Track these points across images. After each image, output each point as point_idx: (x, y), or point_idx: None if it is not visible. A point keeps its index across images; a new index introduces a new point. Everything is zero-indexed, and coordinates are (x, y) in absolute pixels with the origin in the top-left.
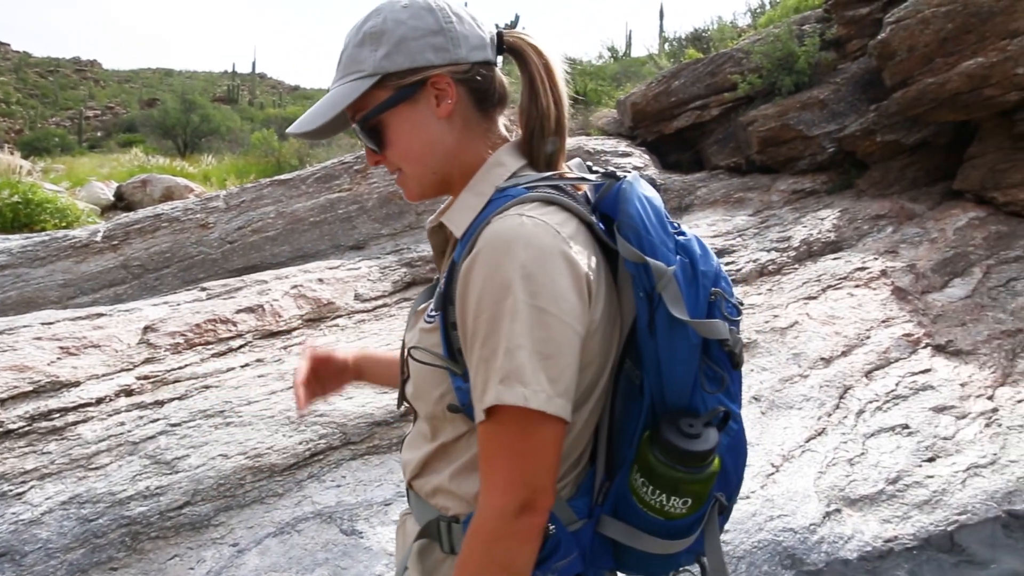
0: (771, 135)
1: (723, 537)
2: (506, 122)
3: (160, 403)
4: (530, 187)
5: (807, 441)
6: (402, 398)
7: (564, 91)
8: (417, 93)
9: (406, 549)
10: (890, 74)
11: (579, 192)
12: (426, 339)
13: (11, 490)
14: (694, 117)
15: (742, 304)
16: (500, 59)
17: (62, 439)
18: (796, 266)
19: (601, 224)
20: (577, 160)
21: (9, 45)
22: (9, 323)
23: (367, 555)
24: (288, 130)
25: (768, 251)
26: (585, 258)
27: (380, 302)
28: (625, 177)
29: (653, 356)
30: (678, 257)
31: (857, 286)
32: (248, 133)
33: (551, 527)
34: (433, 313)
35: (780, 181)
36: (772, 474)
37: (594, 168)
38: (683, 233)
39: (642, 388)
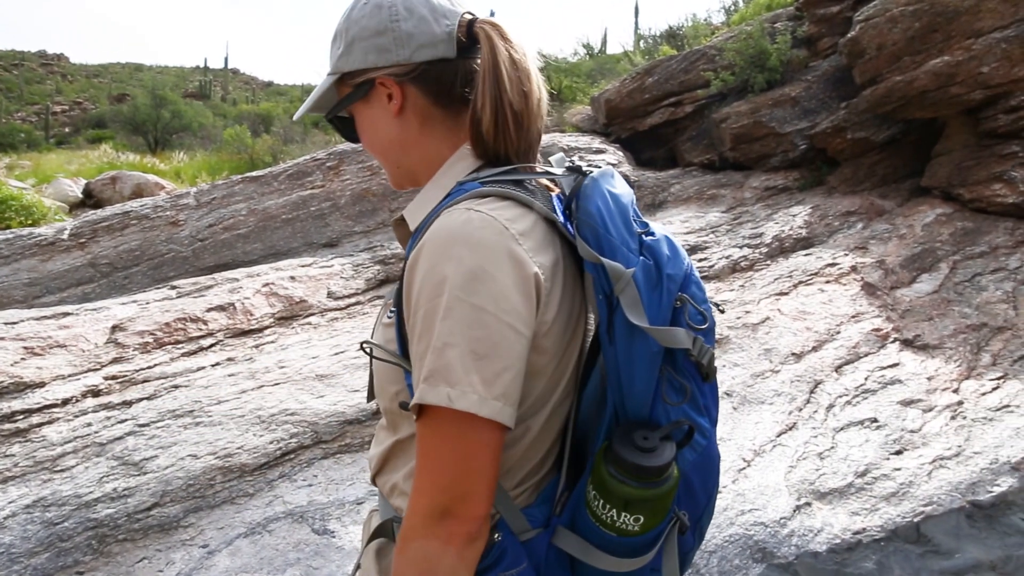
0: (744, 132)
1: None
2: None
3: (128, 403)
4: (487, 181)
5: (778, 436)
6: (371, 393)
7: (512, 93)
8: (369, 92)
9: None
10: (860, 72)
11: (550, 188)
12: (383, 334)
13: None
14: (668, 114)
15: (721, 308)
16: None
17: (26, 441)
18: (768, 262)
19: (570, 222)
20: (560, 155)
21: None
22: None
23: (339, 555)
24: (295, 117)
25: (740, 247)
26: (535, 256)
27: (353, 300)
28: (591, 172)
29: (613, 363)
30: (641, 259)
31: (828, 282)
32: (221, 129)
33: (496, 535)
34: (393, 309)
35: (753, 178)
36: (743, 469)
37: (568, 163)
38: (652, 233)
39: (604, 396)
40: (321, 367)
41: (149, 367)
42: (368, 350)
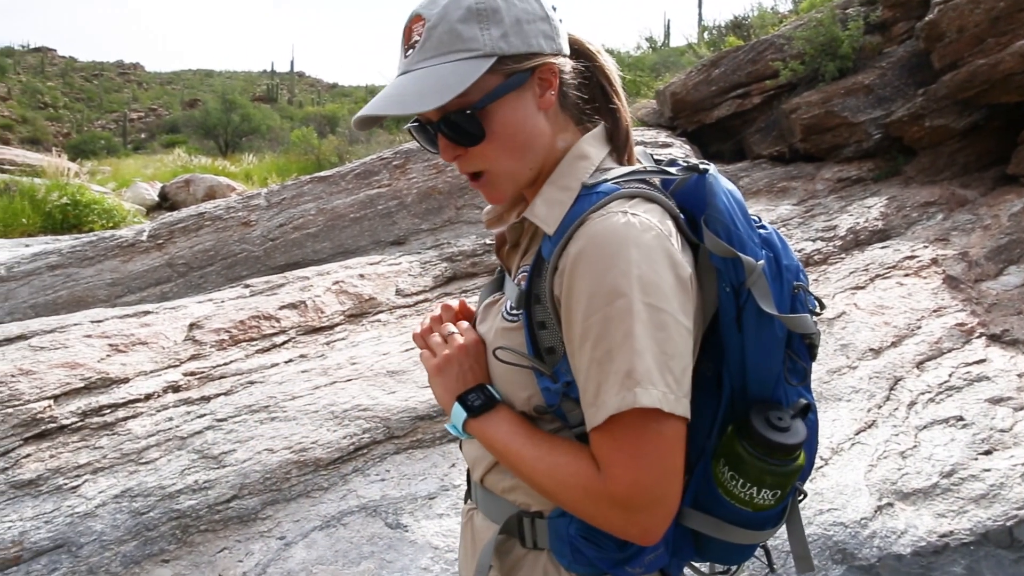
0: (815, 122)
1: None
2: None
3: (206, 399)
4: (620, 183)
5: (856, 433)
6: None
7: (623, 98)
8: (526, 81)
9: (480, 545)
10: (939, 56)
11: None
12: (510, 338)
13: (66, 484)
14: (735, 106)
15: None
16: None
17: (113, 434)
18: (842, 255)
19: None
20: (641, 149)
21: (55, 50)
22: (60, 321)
23: (412, 548)
24: (379, 110)
25: (813, 241)
26: (684, 255)
27: (421, 297)
28: (708, 170)
29: (738, 350)
30: (763, 251)
31: (907, 275)
32: (288, 131)
33: None
34: (516, 312)
35: (824, 169)
36: (821, 467)
37: (656, 157)
38: (764, 227)
39: (720, 381)
40: (392, 363)
41: (225, 363)
42: (502, 357)
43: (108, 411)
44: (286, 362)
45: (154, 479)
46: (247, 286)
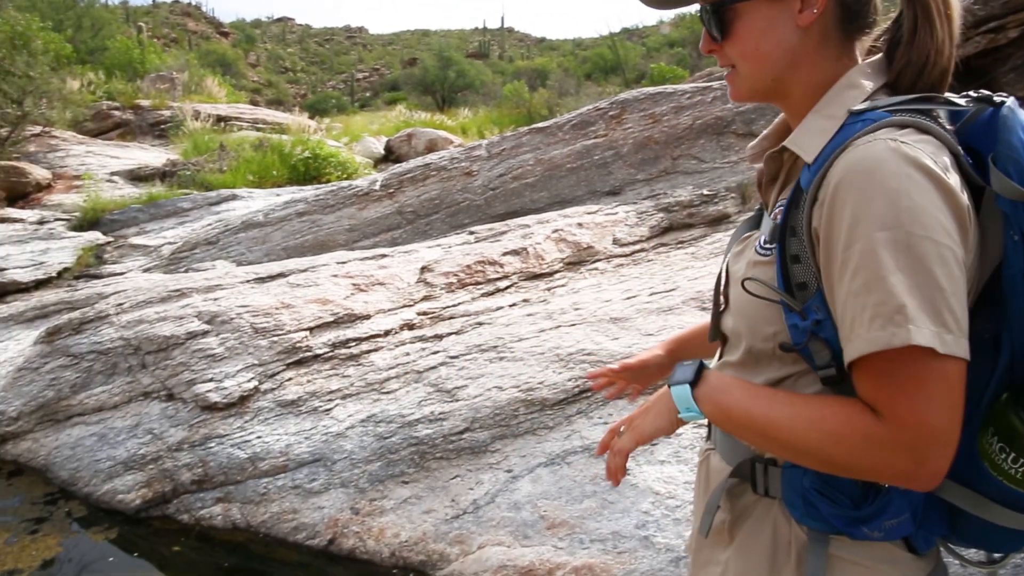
0: None
1: None
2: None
3: (439, 337)
4: (895, 111)
5: None
6: (716, 330)
7: (958, 25)
8: None
9: (714, 485)
10: None
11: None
12: (761, 272)
13: (321, 406)
14: (986, 41)
15: None
16: None
17: (359, 365)
18: None
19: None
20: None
21: (294, 19)
22: (311, 262)
23: (633, 492)
24: None
25: None
26: (961, 191)
27: (638, 247)
28: (1004, 102)
29: (1022, 307)
30: None
31: None
32: (499, 86)
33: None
34: (769, 245)
35: None
36: None
37: (975, 93)
38: None
39: (997, 343)
40: (615, 310)
41: (454, 305)
42: (751, 289)
43: (354, 344)
44: (510, 305)
45: (395, 408)
46: (472, 233)
